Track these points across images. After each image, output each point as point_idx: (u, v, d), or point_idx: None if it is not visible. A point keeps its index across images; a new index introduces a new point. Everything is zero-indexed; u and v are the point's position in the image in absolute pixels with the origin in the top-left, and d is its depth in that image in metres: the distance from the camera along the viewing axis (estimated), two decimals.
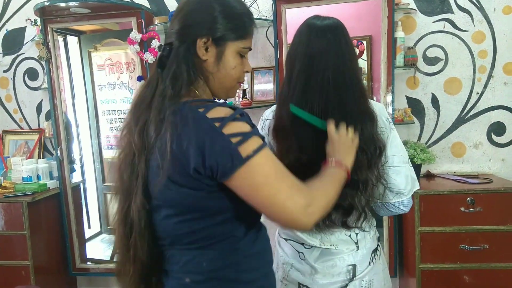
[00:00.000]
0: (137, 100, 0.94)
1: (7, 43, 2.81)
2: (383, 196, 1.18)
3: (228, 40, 0.92)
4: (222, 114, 0.82)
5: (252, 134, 0.82)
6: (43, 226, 2.52)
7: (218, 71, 0.94)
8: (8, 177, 2.65)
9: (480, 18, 2.36)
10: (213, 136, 0.79)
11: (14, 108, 2.88)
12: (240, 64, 0.96)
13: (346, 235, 1.20)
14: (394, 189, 1.17)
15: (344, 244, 1.20)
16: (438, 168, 2.48)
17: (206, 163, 0.79)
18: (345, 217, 1.15)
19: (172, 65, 0.90)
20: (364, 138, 1.11)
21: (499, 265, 2.05)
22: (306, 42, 1.12)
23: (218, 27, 0.91)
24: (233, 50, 0.94)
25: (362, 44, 2.42)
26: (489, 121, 2.42)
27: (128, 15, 2.42)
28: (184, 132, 0.80)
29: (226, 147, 0.79)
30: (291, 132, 1.12)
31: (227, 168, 0.79)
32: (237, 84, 1.00)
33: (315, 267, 1.20)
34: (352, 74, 1.12)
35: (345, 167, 1.02)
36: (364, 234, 1.22)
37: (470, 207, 2.04)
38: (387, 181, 1.15)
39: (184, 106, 0.84)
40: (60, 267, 2.66)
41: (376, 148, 1.12)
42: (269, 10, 2.45)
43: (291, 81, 1.15)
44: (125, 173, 0.90)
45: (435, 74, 2.44)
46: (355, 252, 1.20)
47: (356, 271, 1.19)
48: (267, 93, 2.53)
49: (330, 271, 1.19)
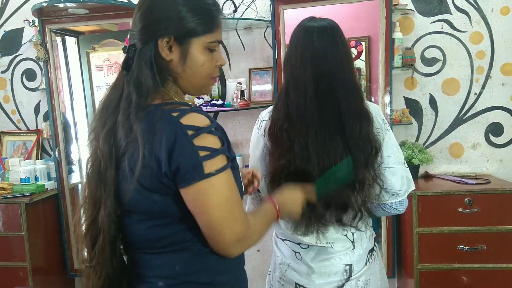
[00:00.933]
0: (103, 104, 0.90)
1: (5, 43, 2.81)
2: (379, 197, 1.18)
3: (192, 37, 0.87)
4: (198, 123, 0.80)
5: (220, 152, 0.81)
6: (41, 227, 2.51)
7: (184, 71, 0.89)
8: (6, 178, 2.64)
9: (477, 19, 2.36)
10: (183, 143, 0.78)
11: (12, 109, 2.87)
12: (209, 59, 0.90)
13: (343, 234, 1.21)
14: (390, 190, 1.17)
15: (340, 242, 1.20)
16: (436, 169, 2.48)
17: (171, 167, 0.78)
18: (339, 215, 1.16)
19: (135, 69, 0.86)
20: (361, 137, 1.11)
21: (497, 266, 2.05)
22: (303, 44, 1.13)
23: (180, 24, 0.85)
24: (199, 46, 0.88)
25: (360, 45, 2.42)
26: (487, 121, 2.43)
27: (126, 15, 2.41)
28: (156, 138, 0.79)
29: (192, 158, 0.78)
30: (286, 136, 1.13)
31: (186, 178, 0.79)
32: (210, 80, 0.95)
33: (312, 267, 1.20)
34: (348, 74, 1.13)
35: (280, 215, 1.01)
36: (361, 234, 1.23)
37: (468, 207, 2.04)
38: (383, 182, 1.16)
39: (156, 110, 0.82)
40: (58, 269, 2.65)
41: (372, 148, 1.13)
42: (267, 10, 2.45)
43: (288, 83, 1.16)
44: (92, 180, 0.87)
45: (433, 74, 2.44)
46: (351, 252, 1.21)
47: (352, 271, 1.20)
48: (265, 93, 2.53)
49: (326, 271, 1.20)
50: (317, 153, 1.11)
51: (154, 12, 0.87)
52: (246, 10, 2.48)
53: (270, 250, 2.72)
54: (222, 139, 0.84)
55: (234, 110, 2.45)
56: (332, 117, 1.11)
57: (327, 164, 1.11)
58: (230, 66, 2.61)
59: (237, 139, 2.66)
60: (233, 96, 2.49)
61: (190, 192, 0.80)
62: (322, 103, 1.11)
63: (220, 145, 0.82)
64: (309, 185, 1.08)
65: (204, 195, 0.79)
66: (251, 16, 2.47)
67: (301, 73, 1.13)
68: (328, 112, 1.11)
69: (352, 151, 1.11)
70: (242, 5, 2.47)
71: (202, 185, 0.79)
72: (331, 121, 1.11)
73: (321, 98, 1.11)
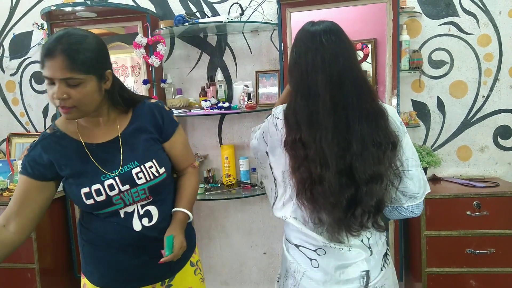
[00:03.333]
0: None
1: (14, 47, 2.84)
2: (395, 200, 1.17)
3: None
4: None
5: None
6: (49, 228, 2.53)
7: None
8: (14, 180, 2.67)
9: (485, 21, 2.35)
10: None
11: (21, 111, 2.90)
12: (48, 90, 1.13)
13: (359, 240, 1.18)
14: (407, 193, 1.17)
15: (357, 248, 1.18)
16: (444, 172, 2.47)
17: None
18: (375, 216, 1.15)
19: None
20: (380, 133, 1.10)
21: (506, 270, 2.04)
22: (313, 48, 1.13)
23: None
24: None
25: (367, 47, 2.39)
26: (495, 124, 2.41)
27: (134, 19, 2.43)
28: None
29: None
30: (300, 145, 1.11)
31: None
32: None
33: (330, 273, 1.18)
34: (360, 73, 1.13)
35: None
36: (376, 239, 1.21)
37: (476, 211, 2.03)
38: (401, 185, 1.15)
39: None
40: (66, 269, 2.66)
41: (389, 143, 1.11)
42: (274, 14, 2.46)
43: (297, 90, 1.15)
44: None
45: (440, 77, 2.43)
46: (369, 258, 1.19)
47: (370, 278, 1.18)
48: (271, 96, 2.54)
49: (344, 278, 1.17)
50: (335, 156, 1.09)
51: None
52: (253, 14, 2.49)
53: (276, 253, 2.73)
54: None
55: (241, 113, 2.45)
56: (346, 117, 1.09)
57: (343, 166, 1.09)
58: (237, 68, 2.62)
59: (243, 141, 2.66)
60: (239, 98, 2.50)
61: None
62: (335, 106, 1.09)
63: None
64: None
65: None
66: (258, 19, 2.48)
67: (312, 79, 1.11)
68: (341, 113, 1.09)
69: (368, 147, 1.09)
70: (249, 8, 2.48)
71: None
72: (345, 122, 1.09)
73: (334, 101, 1.09)
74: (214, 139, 2.69)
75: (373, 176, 1.09)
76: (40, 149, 1.22)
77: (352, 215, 1.12)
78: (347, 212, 1.11)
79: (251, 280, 2.79)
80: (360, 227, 1.14)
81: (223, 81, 2.55)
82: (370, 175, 1.09)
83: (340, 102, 1.09)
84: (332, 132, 1.08)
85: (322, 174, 1.08)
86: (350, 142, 1.09)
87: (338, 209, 1.10)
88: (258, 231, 2.73)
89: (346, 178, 1.10)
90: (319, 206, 1.12)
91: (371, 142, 1.09)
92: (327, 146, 1.08)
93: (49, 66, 1.08)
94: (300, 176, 1.12)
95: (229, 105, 2.43)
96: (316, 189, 1.10)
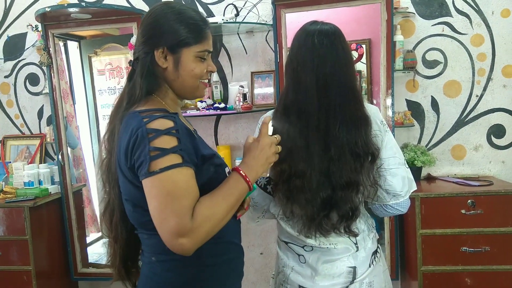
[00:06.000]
0: (112, 110, 1.08)
1: (8, 48, 2.82)
2: (380, 198, 1.18)
3: (183, 47, 1.01)
4: (160, 127, 0.91)
5: (171, 151, 0.89)
6: (45, 231, 2.52)
7: (178, 76, 1.03)
8: (9, 182, 2.65)
9: (478, 21, 2.37)
10: (140, 144, 0.90)
11: (16, 113, 2.89)
12: (200, 67, 1.05)
13: (345, 236, 1.21)
14: (391, 191, 1.18)
15: (343, 243, 1.21)
16: (439, 171, 2.49)
17: (131, 163, 0.92)
18: (348, 221, 1.16)
19: (134, 79, 1.03)
20: (359, 143, 1.12)
21: (500, 267, 2.05)
22: (304, 47, 1.15)
23: (172, 36, 1.00)
24: (190, 55, 1.03)
25: (361, 48, 2.43)
26: (489, 123, 2.43)
27: (129, 20, 2.43)
28: (123, 137, 0.94)
29: (143, 157, 0.89)
30: (285, 137, 1.13)
31: (139, 174, 0.91)
32: (200, 83, 1.08)
33: (316, 269, 1.21)
34: (347, 80, 1.14)
35: (251, 181, 1.00)
36: (364, 236, 1.23)
37: (471, 209, 2.04)
38: (383, 184, 1.16)
39: (133, 115, 0.96)
40: (62, 272, 2.65)
41: (368, 154, 1.13)
42: (268, 14, 2.47)
43: (289, 86, 1.17)
44: (103, 172, 1.07)
45: (434, 77, 2.45)
46: (355, 254, 1.21)
47: (356, 273, 1.20)
48: (267, 96, 2.54)
49: (330, 273, 1.20)
50: (317, 154, 1.12)
51: (151, 28, 1.02)
52: (248, 14, 2.50)
53: (273, 253, 2.74)
54: (181, 140, 0.92)
55: (237, 113, 2.46)
56: (327, 120, 1.12)
57: (325, 167, 1.12)
58: (232, 69, 2.62)
59: (239, 142, 2.67)
60: (235, 99, 2.50)
61: (144, 186, 0.91)
62: (320, 107, 1.12)
63: (175, 145, 0.91)
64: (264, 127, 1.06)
65: (148, 188, 0.90)
66: (253, 20, 2.48)
67: (302, 76, 1.14)
68: (324, 115, 1.12)
69: (346, 154, 1.11)
70: (244, 9, 2.48)
71: (148, 181, 0.90)
72: (325, 125, 1.12)
73: (319, 102, 1.12)
74: (210, 140, 2.69)
75: (349, 183, 1.11)
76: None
77: (325, 216, 1.15)
78: (320, 211, 1.14)
79: (248, 280, 2.80)
80: (331, 229, 1.16)
81: (218, 81, 2.55)
82: (346, 181, 1.11)
83: (324, 104, 1.12)
84: (317, 131, 1.12)
85: (303, 169, 1.11)
86: (328, 145, 1.12)
87: (312, 206, 1.13)
88: (255, 231, 2.73)
89: (325, 179, 1.13)
90: (293, 198, 1.15)
91: (349, 150, 1.11)
92: (312, 142, 1.11)
93: (210, 38, 1.08)
94: (279, 168, 1.15)
95: (225, 106, 2.44)
96: (293, 182, 1.13)
